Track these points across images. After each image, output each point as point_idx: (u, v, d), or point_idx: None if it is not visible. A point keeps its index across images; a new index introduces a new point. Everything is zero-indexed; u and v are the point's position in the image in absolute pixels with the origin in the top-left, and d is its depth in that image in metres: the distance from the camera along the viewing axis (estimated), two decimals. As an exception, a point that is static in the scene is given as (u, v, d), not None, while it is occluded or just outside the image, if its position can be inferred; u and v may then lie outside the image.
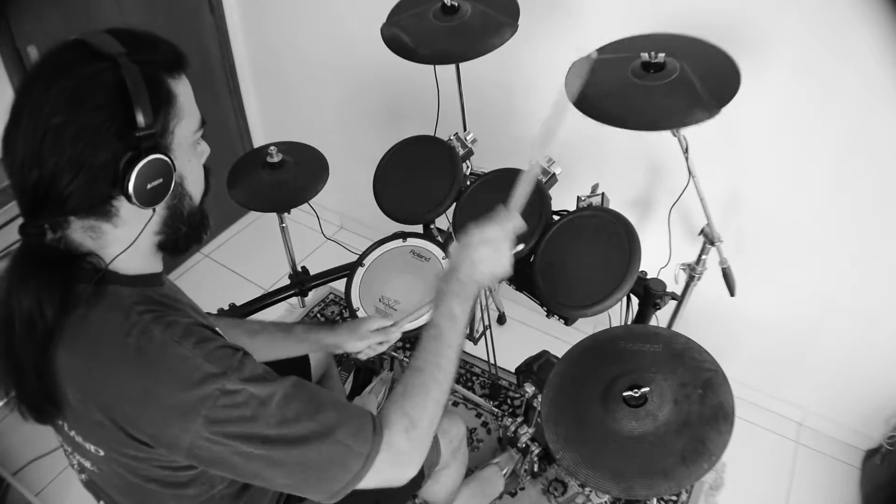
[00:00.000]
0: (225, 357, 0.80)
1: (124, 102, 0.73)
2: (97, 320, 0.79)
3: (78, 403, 0.80)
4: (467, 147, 1.61)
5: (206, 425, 0.76)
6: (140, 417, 0.78)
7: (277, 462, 0.80)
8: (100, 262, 0.81)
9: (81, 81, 0.73)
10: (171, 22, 2.26)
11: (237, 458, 0.78)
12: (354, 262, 1.53)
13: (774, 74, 1.47)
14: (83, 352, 0.79)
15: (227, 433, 0.77)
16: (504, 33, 1.44)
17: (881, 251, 1.59)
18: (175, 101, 0.79)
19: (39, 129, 0.72)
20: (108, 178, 0.74)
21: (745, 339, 1.95)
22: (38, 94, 0.73)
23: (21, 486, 1.79)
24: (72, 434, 0.87)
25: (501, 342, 2.09)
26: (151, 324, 0.79)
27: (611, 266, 1.30)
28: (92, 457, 0.87)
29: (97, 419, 0.79)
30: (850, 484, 1.87)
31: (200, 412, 0.76)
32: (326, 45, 2.28)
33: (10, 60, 1.82)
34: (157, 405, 0.76)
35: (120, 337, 0.78)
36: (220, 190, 1.72)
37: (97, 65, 0.73)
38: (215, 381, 0.77)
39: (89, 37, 0.76)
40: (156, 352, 0.77)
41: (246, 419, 0.78)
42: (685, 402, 1.04)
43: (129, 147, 0.74)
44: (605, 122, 1.21)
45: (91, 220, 0.79)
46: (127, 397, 0.78)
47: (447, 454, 1.37)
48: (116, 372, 0.78)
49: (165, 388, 0.76)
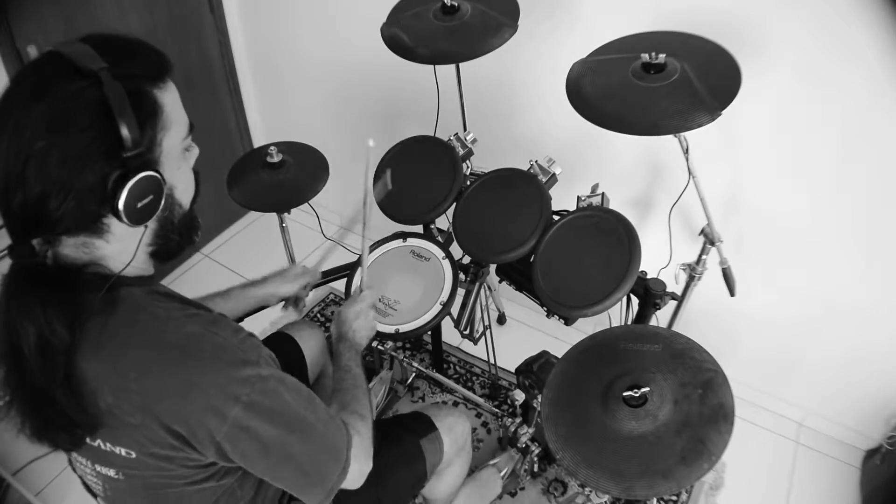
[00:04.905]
0: (254, 346, 0.85)
1: (109, 121, 0.71)
2: (123, 324, 0.79)
3: (110, 408, 0.80)
4: (467, 147, 1.61)
5: (244, 409, 0.79)
6: (181, 410, 0.79)
7: (291, 454, 0.86)
8: (102, 269, 0.80)
9: (64, 102, 0.71)
10: (171, 22, 2.25)
11: (261, 449, 0.83)
12: (354, 262, 1.53)
13: (775, 74, 1.47)
14: (111, 357, 0.79)
15: (262, 417, 0.81)
16: (504, 33, 1.44)
17: (881, 251, 1.59)
18: (161, 111, 0.78)
19: (22, 153, 0.70)
20: (98, 199, 0.73)
21: (745, 339, 1.95)
22: (18, 116, 0.71)
23: (21, 486, 1.79)
24: (96, 444, 0.85)
25: (501, 342, 2.09)
26: (183, 318, 0.81)
27: (611, 266, 1.30)
28: (120, 462, 0.86)
29: (133, 421, 0.79)
30: (850, 484, 1.87)
31: (240, 397, 0.79)
32: (326, 45, 2.28)
33: (10, 60, 1.82)
34: (198, 394, 0.78)
35: (153, 335, 0.79)
36: (221, 190, 1.73)
37: (78, 83, 0.71)
38: (253, 367, 0.81)
39: (67, 49, 0.73)
40: (195, 343, 0.80)
41: (279, 403, 0.84)
42: (685, 402, 1.03)
43: (117, 166, 0.73)
44: (605, 125, 1.22)
45: (82, 237, 0.78)
46: (167, 392, 0.78)
47: (451, 452, 1.37)
48: (154, 369, 0.78)
49: (208, 376, 0.79)
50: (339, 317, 1.22)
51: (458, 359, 2.23)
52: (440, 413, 1.38)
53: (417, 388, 2.11)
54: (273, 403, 0.83)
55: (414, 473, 1.30)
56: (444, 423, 1.36)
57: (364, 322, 1.21)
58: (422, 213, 1.55)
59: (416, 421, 1.35)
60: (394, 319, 1.38)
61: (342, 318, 1.21)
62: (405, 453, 1.28)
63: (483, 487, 1.73)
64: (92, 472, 0.91)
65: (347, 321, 1.20)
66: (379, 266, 1.50)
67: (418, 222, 1.61)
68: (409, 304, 1.41)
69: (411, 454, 1.29)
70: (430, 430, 1.33)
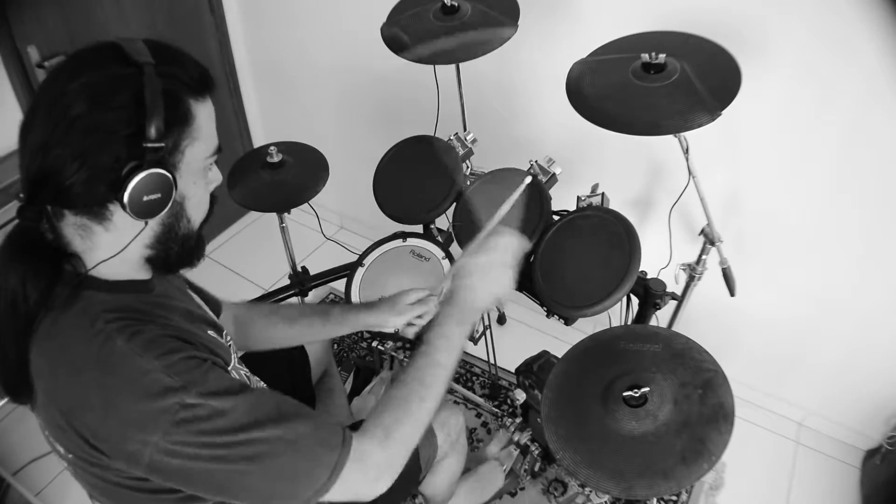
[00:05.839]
0: (188, 370, 0.78)
1: (141, 111, 0.73)
2: (66, 325, 0.79)
3: (43, 404, 0.81)
4: (467, 147, 1.61)
5: (165, 438, 0.75)
6: (100, 428, 0.77)
7: (240, 473, 0.78)
8: (80, 265, 0.80)
9: (105, 79, 0.74)
10: (171, 22, 2.25)
11: (199, 472, 0.77)
12: (354, 262, 1.53)
13: (775, 74, 1.47)
14: (51, 355, 0.79)
15: (187, 444, 0.76)
16: (504, 33, 1.44)
17: (882, 251, 1.59)
18: (192, 122, 0.79)
19: (55, 116, 0.73)
20: (108, 181, 0.75)
21: (745, 339, 1.95)
22: (62, 83, 0.74)
23: (21, 486, 1.79)
24: (46, 433, 0.87)
25: (501, 342, 2.09)
26: (115, 333, 0.77)
27: (611, 266, 1.30)
28: (63, 457, 0.87)
29: (60, 424, 0.79)
30: (850, 484, 1.87)
31: (160, 425, 0.75)
32: (326, 45, 2.28)
33: (10, 60, 1.82)
34: (116, 417, 0.75)
35: (84, 345, 0.77)
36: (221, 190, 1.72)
37: (124, 69, 0.74)
38: (175, 394, 0.75)
39: (124, 41, 0.77)
40: (117, 363, 0.76)
41: (206, 432, 0.76)
42: (685, 402, 1.03)
43: (135, 155, 0.74)
44: (605, 125, 1.21)
45: (84, 218, 0.79)
46: (88, 407, 0.76)
47: (445, 446, 1.37)
48: (79, 380, 0.77)
49: (125, 399, 0.75)
50: (480, 254, 1.03)
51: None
52: None
53: (417, 388, 2.11)
54: (203, 432, 0.76)
55: (407, 468, 1.29)
56: (438, 417, 1.35)
57: (498, 278, 1.02)
58: (422, 213, 1.55)
59: None
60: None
61: (467, 268, 1.03)
62: None
63: (484, 480, 1.73)
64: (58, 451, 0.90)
65: (474, 272, 1.01)
66: (379, 266, 1.50)
67: (418, 222, 1.61)
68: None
69: None
70: None
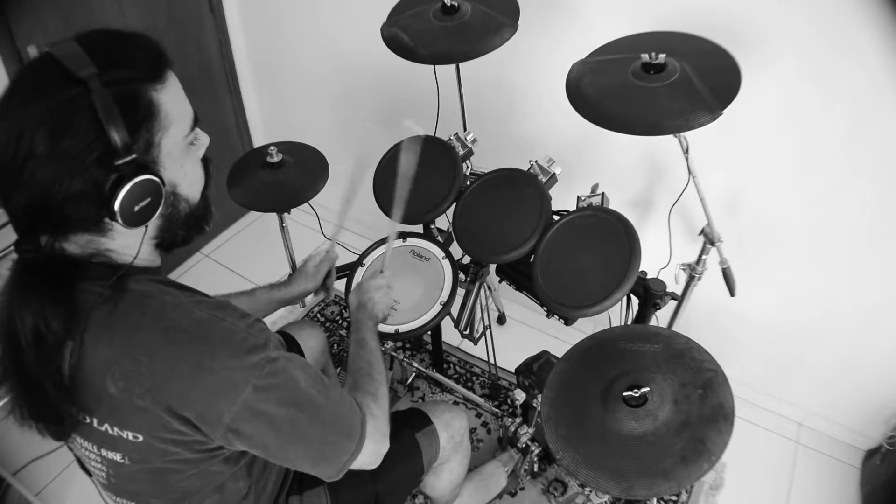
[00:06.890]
0: (262, 330, 0.85)
1: (100, 129, 0.71)
2: (132, 309, 0.80)
3: (120, 392, 0.80)
4: (467, 147, 1.61)
5: (254, 392, 0.80)
6: (190, 394, 0.79)
7: (304, 435, 0.87)
8: (110, 260, 0.82)
9: (55, 107, 0.71)
10: (171, 22, 2.25)
11: (271, 432, 0.84)
12: (354, 262, 1.53)
13: (775, 74, 1.47)
14: (121, 342, 0.80)
15: (272, 399, 0.82)
16: (504, 33, 1.44)
17: (882, 251, 1.59)
18: (158, 112, 0.78)
19: (19, 157, 0.71)
20: (94, 203, 0.74)
21: (745, 339, 1.95)
22: (14, 119, 0.72)
23: (21, 486, 1.79)
24: (103, 429, 0.86)
25: (501, 342, 2.09)
26: (191, 304, 0.82)
27: (611, 266, 1.30)
28: (127, 447, 0.86)
29: (142, 405, 0.80)
30: (850, 484, 1.87)
31: (250, 380, 0.80)
32: (326, 45, 2.28)
33: (10, 60, 1.82)
34: (208, 378, 0.79)
35: (162, 320, 0.80)
36: (220, 190, 1.73)
37: (69, 90, 0.71)
38: (262, 350, 0.82)
39: (59, 52, 0.73)
40: (204, 328, 0.81)
41: (289, 384, 0.84)
42: (685, 402, 1.03)
43: (111, 172, 0.73)
44: (605, 125, 1.21)
45: (87, 235, 0.80)
46: (177, 376, 0.79)
47: (448, 448, 1.37)
48: (164, 354, 0.79)
49: (218, 360, 0.79)
50: (361, 287, 1.26)
51: (458, 359, 2.23)
52: (437, 409, 1.39)
53: (417, 388, 2.11)
54: (283, 385, 0.84)
55: (410, 468, 1.30)
56: (441, 419, 1.36)
57: (384, 297, 1.25)
58: (422, 213, 1.55)
59: (412, 416, 1.36)
60: (394, 319, 1.38)
61: (364, 288, 1.25)
62: (401, 448, 1.27)
63: (488, 480, 1.73)
64: (97, 457, 0.91)
65: (369, 291, 1.24)
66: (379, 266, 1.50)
67: (418, 222, 1.61)
68: (409, 304, 1.41)
69: (408, 449, 1.29)
70: (426, 425, 1.33)
